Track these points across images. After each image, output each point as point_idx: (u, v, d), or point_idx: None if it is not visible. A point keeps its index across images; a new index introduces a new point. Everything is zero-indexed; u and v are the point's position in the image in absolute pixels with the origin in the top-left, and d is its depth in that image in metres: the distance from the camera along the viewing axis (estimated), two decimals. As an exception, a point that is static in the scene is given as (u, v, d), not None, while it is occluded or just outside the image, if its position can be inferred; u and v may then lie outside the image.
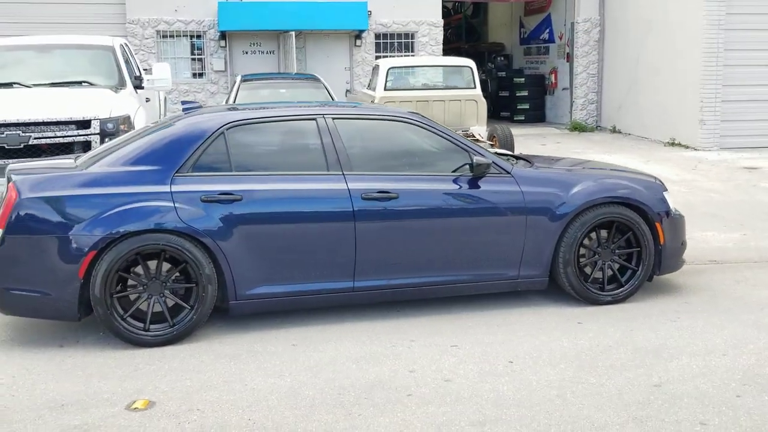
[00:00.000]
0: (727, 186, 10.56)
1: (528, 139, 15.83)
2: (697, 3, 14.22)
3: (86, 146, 7.22)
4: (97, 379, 4.29)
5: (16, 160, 6.93)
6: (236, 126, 5.08)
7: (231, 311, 4.98)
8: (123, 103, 7.71)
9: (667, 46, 15.27)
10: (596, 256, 5.58)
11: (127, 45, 9.77)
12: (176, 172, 4.86)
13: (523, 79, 19.90)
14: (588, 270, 5.61)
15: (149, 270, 4.80)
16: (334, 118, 5.24)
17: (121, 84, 8.47)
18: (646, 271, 5.61)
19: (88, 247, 4.61)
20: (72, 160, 5.45)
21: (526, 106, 19.76)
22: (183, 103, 5.66)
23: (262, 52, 16.42)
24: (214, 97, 16.17)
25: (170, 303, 4.87)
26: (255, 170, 5.02)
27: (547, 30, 19.78)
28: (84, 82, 8.36)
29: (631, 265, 5.62)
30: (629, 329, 5.02)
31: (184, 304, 4.85)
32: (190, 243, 4.77)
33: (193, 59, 16.17)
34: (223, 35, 16.00)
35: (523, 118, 19.55)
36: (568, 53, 18.64)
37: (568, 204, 5.39)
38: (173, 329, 4.81)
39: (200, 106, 5.68)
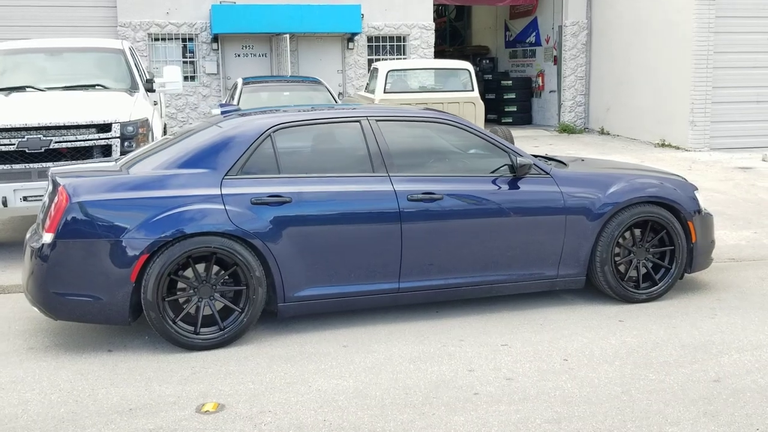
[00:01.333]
0: (727, 185, 10.75)
1: (519, 141, 15.93)
2: (687, 7, 14.47)
3: (106, 150, 7.16)
4: (157, 383, 4.26)
5: (38, 164, 6.87)
6: (283, 128, 5.09)
7: (279, 313, 4.98)
8: (140, 107, 7.65)
9: (656, 48, 15.50)
10: (631, 254, 5.66)
11: (132, 48, 9.68)
12: (225, 175, 4.85)
13: (510, 82, 20.06)
14: (622, 268, 5.69)
15: (199, 273, 4.78)
16: (377, 120, 5.27)
17: (134, 87, 8.39)
18: (680, 269, 5.71)
19: (141, 251, 4.58)
20: (113, 162, 5.42)
21: (513, 109, 19.93)
22: (221, 105, 5.65)
23: (255, 55, 16.36)
24: (206, 100, 16.07)
25: (218, 306, 4.86)
26: (301, 172, 5.03)
27: (534, 33, 19.97)
28: (97, 85, 8.27)
29: (665, 263, 5.72)
30: (671, 326, 5.11)
31: (235, 307, 4.83)
32: (241, 245, 4.77)
33: (185, 62, 16.05)
34: (215, 38, 15.91)
35: (510, 120, 19.71)
36: (555, 56, 18.84)
37: (605, 204, 5.48)
38: (223, 332, 4.80)
39: (238, 109, 5.66)
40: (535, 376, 4.29)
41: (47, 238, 4.61)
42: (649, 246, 5.69)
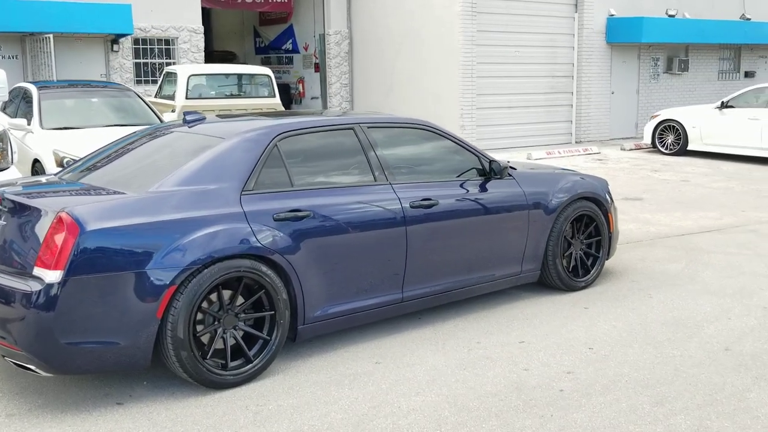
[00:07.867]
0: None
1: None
2: (452, 20, 15.70)
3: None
4: (229, 429, 3.72)
5: None
6: (288, 136, 4.70)
7: (299, 336, 4.59)
8: (-9, 115, 6.44)
9: (423, 58, 16.56)
10: (571, 247, 6.14)
11: None
12: (243, 190, 4.35)
13: (270, 88, 19.96)
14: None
15: (223, 301, 4.24)
16: (369, 126, 5.10)
17: (-41, 93, 7.01)
18: (604, 256, 6.33)
19: (169, 281, 3.94)
20: (53, 176, 4.67)
21: (274, 115, 19.88)
22: (186, 113, 4.95)
23: (3, 57, 14.33)
24: (-54, 109, 13.70)
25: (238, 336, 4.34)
26: (308, 182, 4.69)
27: (290, 41, 20.12)
28: None
29: (593, 252, 6.29)
30: (631, 308, 5.65)
31: (263, 336, 4.36)
32: (266, 266, 4.32)
33: None
34: (-46, 36, 13.66)
35: (272, 126, 19.63)
36: (317, 63, 19.19)
37: (555, 200, 5.88)
38: (253, 365, 4.30)
39: (204, 117, 5.04)
40: (586, 367, 4.51)
41: (52, 276, 3.74)
42: (584, 237, 6.22)
